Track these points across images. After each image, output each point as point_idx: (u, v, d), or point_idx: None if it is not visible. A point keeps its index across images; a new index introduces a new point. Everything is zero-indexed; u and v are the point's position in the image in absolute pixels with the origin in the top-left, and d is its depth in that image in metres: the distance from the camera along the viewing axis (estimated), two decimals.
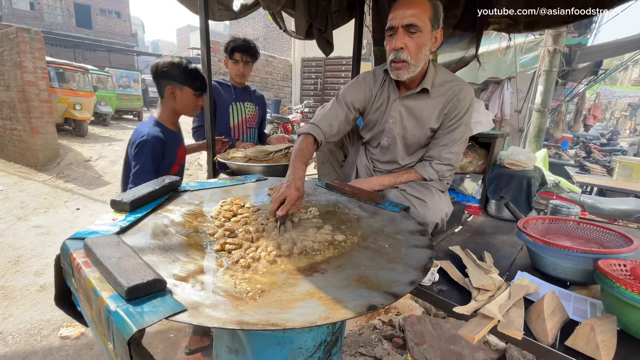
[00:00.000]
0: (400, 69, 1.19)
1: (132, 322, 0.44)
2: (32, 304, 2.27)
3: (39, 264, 2.85)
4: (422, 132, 1.30)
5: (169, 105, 1.48)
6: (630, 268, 0.91)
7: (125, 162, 1.51)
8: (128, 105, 11.34)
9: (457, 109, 1.24)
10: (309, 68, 9.67)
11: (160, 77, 1.42)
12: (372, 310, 0.52)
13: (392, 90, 1.33)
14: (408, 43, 1.15)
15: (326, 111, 1.35)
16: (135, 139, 1.40)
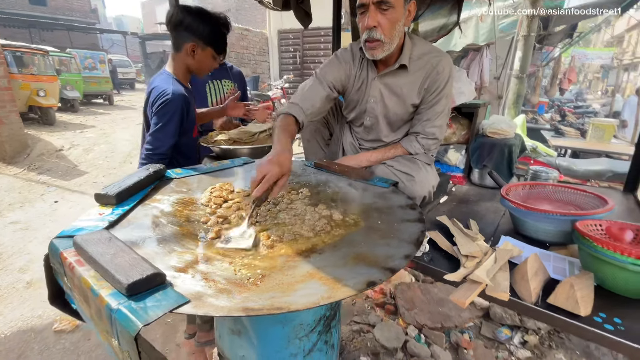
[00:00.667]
0: (374, 48, 1.16)
1: (136, 318, 0.44)
2: (20, 302, 2.23)
3: (22, 261, 2.77)
4: (404, 108, 1.30)
5: (184, 62, 1.37)
6: (605, 227, 0.97)
7: (144, 129, 1.41)
8: (96, 89, 10.69)
9: (437, 82, 1.23)
10: (287, 41, 9.31)
11: (182, 29, 1.29)
12: (371, 286, 0.54)
13: (370, 69, 1.30)
14: (381, 21, 1.11)
15: (306, 90, 1.30)
16: (156, 98, 1.28)
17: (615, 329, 0.73)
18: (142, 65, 20.40)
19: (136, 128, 7.77)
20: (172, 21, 1.31)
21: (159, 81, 1.35)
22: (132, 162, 5.48)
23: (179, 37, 1.34)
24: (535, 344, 1.72)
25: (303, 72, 9.27)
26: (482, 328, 1.85)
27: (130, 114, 9.75)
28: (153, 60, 19.78)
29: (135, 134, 7.15)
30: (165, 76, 1.37)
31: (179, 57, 1.38)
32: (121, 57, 16.30)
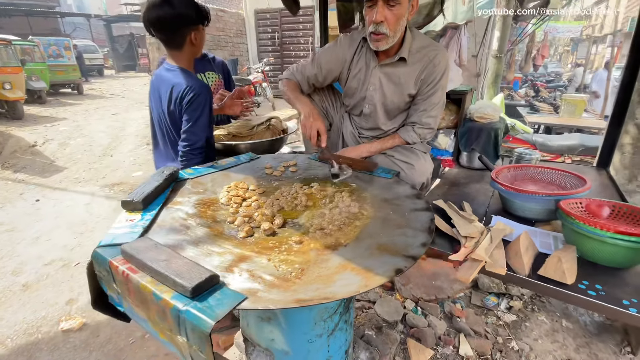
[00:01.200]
0: (379, 40, 1.23)
1: (207, 317, 0.50)
2: (20, 305, 2.21)
3: (13, 263, 2.71)
4: (401, 97, 1.37)
5: (189, 53, 1.38)
6: (585, 205, 1.10)
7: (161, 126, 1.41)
8: (63, 78, 10.08)
9: (433, 74, 1.30)
10: (264, 21, 9.01)
11: (177, 25, 1.27)
12: (399, 273, 0.62)
13: (370, 58, 1.36)
14: (388, 16, 1.17)
15: (300, 65, 1.46)
16: (183, 95, 1.27)
17: (597, 294, 0.86)
18: (108, 49, 19.26)
19: (112, 119, 7.47)
20: (166, 24, 1.26)
21: (174, 77, 1.33)
22: (112, 155, 5.31)
23: (177, 36, 1.31)
24: (519, 309, 1.91)
25: (283, 53, 9.06)
26: (471, 297, 2.02)
27: (103, 104, 9.31)
28: (121, 44, 18.70)
29: (111, 125, 6.88)
30: (178, 71, 1.34)
31: (183, 52, 1.36)
32: (86, 42, 15.33)
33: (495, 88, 4.44)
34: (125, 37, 18.90)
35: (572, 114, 4.95)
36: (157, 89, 1.38)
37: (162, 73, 1.38)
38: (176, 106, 1.30)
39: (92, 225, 3.25)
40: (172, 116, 1.34)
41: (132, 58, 18.85)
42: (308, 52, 8.72)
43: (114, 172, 4.67)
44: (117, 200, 3.80)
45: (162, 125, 1.43)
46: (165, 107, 1.34)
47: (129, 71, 19.00)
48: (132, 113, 8.06)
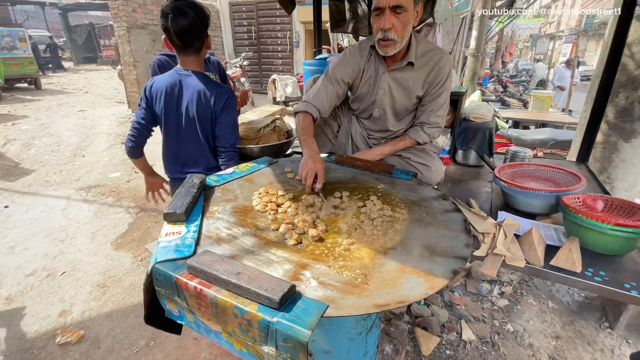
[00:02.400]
0: (388, 46, 1.28)
1: (301, 327, 0.53)
2: (5, 321, 2.08)
3: None
4: (409, 100, 1.43)
5: (203, 55, 1.43)
6: (582, 200, 1.22)
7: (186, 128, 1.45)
8: (19, 72, 9.30)
9: (439, 77, 1.37)
10: (240, 14, 8.78)
11: (202, 32, 1.33)
12: (457, 274, 0.68)
13: (379, 64, 1.41)
14: (395, 23, 1.22)
15: (317, 89, 1.44)
16: (218, 98, 1.37)
17: (602, 280, 0.97)
18: (65, 39, 17.93)
19: (79, 116, 7.01)
20: (197, 28, 1.30)
21: (199, 83, 1.38)
22: (84, 156, 5.01)
23: (201, 40, 1.36)
24: (510, 293, 2.07)
25: (260, 47, 8.89)
26: (467, 286, 2.16)
27: (66, 99, 8.70)
28: (79, 35, 17.45)
29: (79, 123, 6.47)
30: (200, 76, 1.40)
31: (200, 57, 1.42)
32: (41, 33, 14.15)
33: (472, 85, 4.66)
34: (84, 27, 17.62)
35: (540, 109, 5.30)
36: (176, 93, 1.39)
37: (182, 79, 1.40)
38: (207, 110, 1.38)
39: (73, 232, 3.08)
40: (203, 118, 1.40)
41: (93, 49, 17.67)
42: (286, 46, 8.62)
43: (89, 173, 4.42)
44: (97, 203, 3.62)
45: (202, 126, 1.44)
46: (194, 110, 1.38)
47: (90, 64, 17.81)
48: (100, 110, 7.61)
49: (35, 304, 2.19)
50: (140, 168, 1.65)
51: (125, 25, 6.24)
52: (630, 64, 2.18)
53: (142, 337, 1.95)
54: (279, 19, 8.39)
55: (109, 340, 1.93)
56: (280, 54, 8.86)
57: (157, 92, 1.41)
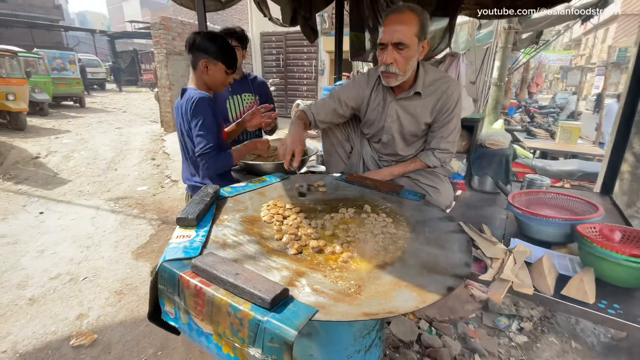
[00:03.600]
0: (390, 78, 1.35)
1: (289, 326, 0.55)
2: (28, 319, 2.18)
3: (18, 277, 2.68)
4: (417, 127, 1.47)
5: (201, 78, 1.52)
6: (599, 229, 1.17)
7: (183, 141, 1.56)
8: (66, 91, 10.20)
9: (447, 104, 1.40)
10: (269, 43, 9.32)
11: (196, 49, 1.46)
12: (451, 291, 0.68)
13: (387, 92, 1.47)
14: (397, 58, 1.29)
15: (320, 101, 1.55)
16: (187, 107, 1.45)
17: (616, 312, 0.91)
18: (110, 64, 19.58)
19: (116, 132, 7.52)
20: (189, 44, 1.48)
21: (185, 97, 1.51)
22: (116, 169, 5.33)
23: (194, 57, 1.49)
24: (530, 330, 1.95)
25: (287, 74, 9.32)
26: (483, 318, 2.05)
27: (106, 117, 9.39)
28: (124, 59, 19.02)
29: (115, 139, 6.93)
30: (188, 90, 1.52)
31: (197, 74, 1.53)
32: (90, 56, 15.57)
33: (495, 114, 4.63)
34: (128, 52, 19.26)
35: (568, 140, 5.14)
36: (177, 112, 1.54)
37: (181, 98, 1.55)
38: (182, 118, 1.49)
39: (99, 239, 3.25)
40: (185, 129, 1.50)
41: (134, 73, 19.15)
42: (311, 73, 8.98)
43: (119, 185, 4.69)
44: (124, 214, 3.80)
45: (183, 142, 1.57)
46: (185, 122, 1.49)
47: (131, 86, 19.26)
48: (135, 128, 8.14)
49: (55, 306, 2.30)
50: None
51: (165, 51, 6.79)
52: None
53: (151, 345, 1.98)
54: (306, 49, 8.82)
55: (120, 346, 1.98)
56: (305, 81, 9.23)
57: (174, 112, 1.58)
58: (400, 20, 1.24)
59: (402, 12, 1.24)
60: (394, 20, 1.24)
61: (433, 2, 2.11)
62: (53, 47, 13.06)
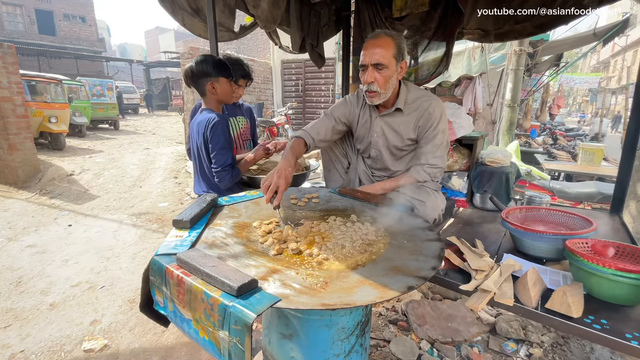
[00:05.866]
0: (372, 96, 1.45)
1: (250, 310, 0.61)
2: (46, 323, 2.32)
3: (42, 283, 2.87)
4: (402, 142, 1.55)
5: (212, 98, 1.67)
6: (591, 245, 1.16)
7: (198, 156, 1.70)
8: (103, 115, 11.04)
9: (430, 121, 1.47)
10: (289, 70, 9.78)
11: (198, 77, 1.60)
12: (411, 289, 0.72)
13: (372, 110, 1.57)
14: (377, 77, 1.39)
15: (316, 122, 1.63)
16: (205, 127, 1.57)
17: (602, 328, 0.90)
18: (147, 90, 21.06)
19: (144, 153, 8.00)
20: (189, 77, 1.63)
21: (201, 117, 1.64)
22: (141, 187, 5.64)
23: (199, 85, 1.64)
24: (540, 356, 1.85)
25: (305, 99, 9.68)
26: (489, 342, 1.97)
27: (136, 139, 10.02)
28: (157, 86, 20.42)
29: (143, 159, 7.37)
30: (204, 112, 1.67)
31: (207, 97, 1.68)
32: (126, 84, 16.89)
33: (510, 135, 4.58)
34: (161, 80, 20.70)
35: (590, 162, 4.96)
36: (193, 129, 1.69)
37: (197, 117, 1.70)
38: (205, 137, 1.60)
39: (119, 251, 3.42)
40: (206, 146, 1.62)
41: (165, 99, 20.45)
42: (329, 98, 9.28)
43: (142, 202, 4.95)
44: (144, 228, 4.00)
45: (198, 158, 1.70)
46: (201, 141, 1.62)
47: (161, 110, 20.53)
48: (162, 148, 8.62)
49: (73, 311, 2.43)
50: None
51: None
52: None
53: (155, 353, 2.04)
54: (324, 74, 9.17)
55: (127, 353, 2.06)
56: (322, 105, 9.54)
57: (189, 130, 1.73)
58: (378, 44, 1.35)
59: (379, 37, 1.37)
60: (372, 44, 1.36)
61: (432, 28, 2.22)
62: (94, 76, 14.32)
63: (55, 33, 19.02)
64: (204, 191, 1.73)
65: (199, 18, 1.96)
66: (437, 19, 2.30)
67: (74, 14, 19.91)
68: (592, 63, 28.29)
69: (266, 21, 2.10)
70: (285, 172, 1.22)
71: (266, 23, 2.11)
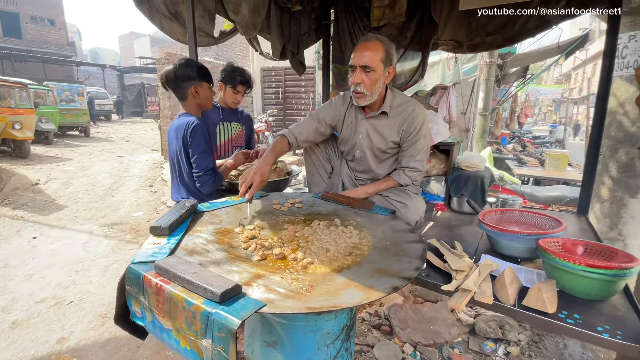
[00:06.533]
0: (359, 98, 1.48)
1: (234, 317, 0.59)
2: (8, 343, 2.15)
3: (4, 300, 2.66)
4: (386, 144, 1.58)
5: (193, 103, 1.63)
6: (562, 244, 1.22)
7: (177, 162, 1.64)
8: (72, 121, 10.54)
9: (413, 125, 1.52)
10: (269, 77, 9.78)
11: (180, 80, 1.57)
12: (396, 290, 0.72)
13: (358, 112, 1.60)
14: (364, 79, 1.42)
15: (301, 122, 1.64)
16: (184, 132, 1.53)
17: (575, 322, 0.94)
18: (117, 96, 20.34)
19: (116, 160, 7.69)
20: (170, 80, 1.59)
21: (179, 122, 1.59)
22: (114, 196, 5.41)
23: (181, 89, 1.61)
24: (517, 355, 1.91)
25: (285, 106, 9.69)
26: (469, 343, 2.02)
27: (108, 146, 9.63)
28: (131, 92, 19.80)
29: (116, 167, 7.07)
30: (183, 116, 1.62)
31: (188, 102, 1.64)
32: (98, 89, 16.27)
33: (483, 142, 4.78)
34: (136, 86, 20.10)
35: (556, 167, 5.25)
36: (170, 134, 1.64)
37: (174, 122, 1.65)
38: (185, 141, 1.55)
39: (89, 264, 3.24)
40: (186, 150, 1.58)
41: (140, 105, 19.85)
42: (309, 105, 9.34)
43: (115, 211, 4.73)
44: (117, 239, 3.82)
45: (177, 163, 1.65)
46: (180, 146, 1.57)
47: (136, 117, 19.89)
48: (136, 156, 8.32)
49: (38, 330, 2.27)
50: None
51: None
52: (626, 121, 2.23)
53: None
54: (304, 82, 9.24)
55: None
56: (303, 112, 9.58)
57: (168, 136, 1.68)
58: (367, 47, 1.38)
59: (369, 40, 1.40)
60: (362, 47, 1.39)
61: (408, 38, 2.31)
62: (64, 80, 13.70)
63: (21, 36, 18.08)
64: (183, 197, 1.68)
65: (178, 22, 1.93)
66: (413, 29, 2.39)
67: (42, 16, 19.02)
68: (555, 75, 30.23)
69: (246, 27, 2.09)
70: (262, 169, 1.27)
71: (246, 29, 2.11)
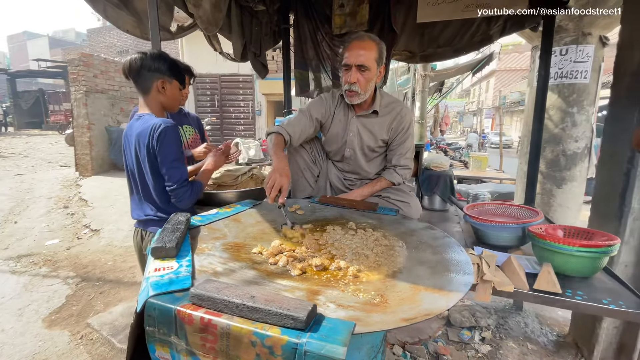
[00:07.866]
0: (353, 96, 1.47)
1: (334, 344, 0.48)
2: None
3: None
4: (375, 142, 1.59)
5: (157, 100, 1.38)
6: (545, 229, 1.34)
7: (139, 173, 1.35)
8: None
9: (402, 124, 1.56)
10: (203, 85, 9.21)
11: (147, 70, 1.33)
12: (468, 287, 0.69)
13: (349, 110, 1.58)
14: (359, 78, 1.42)
15: (292, 118, 1.57)
16: (152, 135, 1.26)
17: (582, 298, 1.03)
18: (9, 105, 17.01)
19: (15, 180, 6.33)
20: (134, 68, 1.34)
21: (142, 123, 1.32)
22: (16, 222, 4.41)
23: (145, 80, 1.36)
24: (491, 338, 2.06)
25: (223, 114, 9.22)
26: (448, 335, 2.11)
27: (2, 163, 7.90)
28: (26, 100, 16.74)
29: (15, 187, 5.81)
30: (146, 116, 1.35)
31: (151, 97, 1.39)
32: None
33: None
34: (32, 92, 17.04)
35: (479, 168, 5.99)
36: (128, 140, 1.37)
37: (132, 123, 1.38)
38: (151, 149, 1.28)
39: None
40: (152, 159, 1.30)
41: (39, 115, 16.86)
42: (248, 114, 9.05)
43: (20, 241, 3.85)
44: (28, 275, 3.09)
45: (138, 175, 1.36)
46: (144, 154, 1.30)
47: (34, 129, 16.79)
48: (41, 174, 6.97)
49: None
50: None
51: (84, 89, 6.20)
52: (550, 124, 2.64)
53: None
54: (242, 90, 8.94)
55: None
56: (242, 121, 9.25)
57: (123, 142, 1.41)
58: (363, 46, 1.37)
59: (364, 39, 1.38)
60: (357, 45, 1.37)
61: None
62: None
63: None
64: (148, 215, 1.42)
65: (127, 11, 1.66)
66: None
67: None
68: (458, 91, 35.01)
69: (207, 23, 1.91)
70: (285, 170, 1.20)
71: (207, 25, 1.92)
